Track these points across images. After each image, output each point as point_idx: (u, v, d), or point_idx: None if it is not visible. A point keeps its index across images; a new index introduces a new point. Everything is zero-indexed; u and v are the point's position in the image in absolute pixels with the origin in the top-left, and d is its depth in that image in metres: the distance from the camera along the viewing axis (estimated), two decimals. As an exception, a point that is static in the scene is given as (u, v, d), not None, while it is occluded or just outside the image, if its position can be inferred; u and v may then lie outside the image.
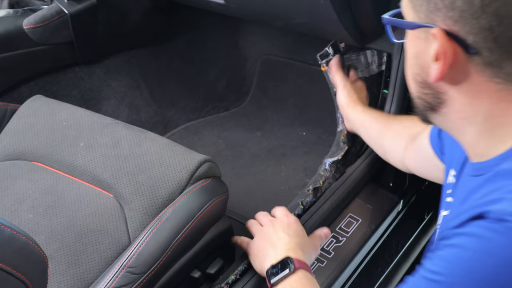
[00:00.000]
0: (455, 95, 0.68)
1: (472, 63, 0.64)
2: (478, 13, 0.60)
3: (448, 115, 0.70)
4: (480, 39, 0.62)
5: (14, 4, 1.69)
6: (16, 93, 1.59)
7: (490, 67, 0.63)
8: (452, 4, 0.62)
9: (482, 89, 0.65)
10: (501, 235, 0.56)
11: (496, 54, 0.62)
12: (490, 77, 0.64)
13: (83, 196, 1.15)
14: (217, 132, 1.87)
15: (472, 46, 0.62)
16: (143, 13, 1.84)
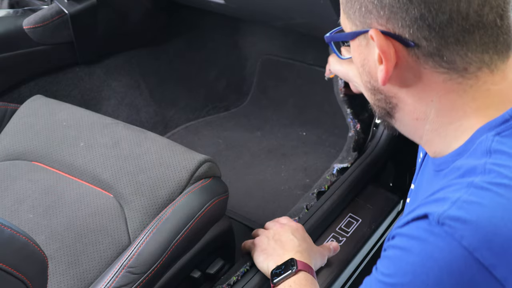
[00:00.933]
0: (405, 96, 0.68)
1: (414, 56, 0.64)
2: (406, 5, 0.61)
3: (403, 119, 0.71)
4: (414, 30, 0.62)
5: (14, 4, 1.68)
6: (16, 93, 1.59)
7: (431, 57, 0.63)
8: (381, 3, 0.63)
9: (429, 83, 0.65)
10: (441, 239, 0.56)
11: (433, 42, 0.62)
12: (434, 68, 0.64)
13: (83, 196, 1.15)
14: (217, 132, 1.87)
15: (409, 40, 0.63)
16: (143, 13, 1.85)
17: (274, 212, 1.47)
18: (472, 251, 0.55)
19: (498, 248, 0.55)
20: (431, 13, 0.61)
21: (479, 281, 0.55)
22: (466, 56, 0.63)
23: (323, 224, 1.22)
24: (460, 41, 0.62)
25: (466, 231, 0.55)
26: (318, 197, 1.27)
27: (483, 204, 0.57)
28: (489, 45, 0.63)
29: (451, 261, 0.56)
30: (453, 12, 0.61)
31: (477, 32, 0.62)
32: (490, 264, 0.55)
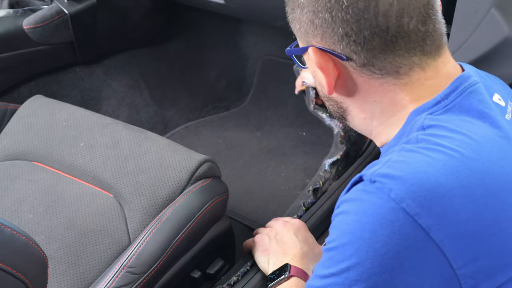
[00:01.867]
0: (351, 101, 0.76)
1: (350, 68, 0.71)
2: (332, 25, 0.69)
3: (354, 119, 0.79)
4: (344, 46, 0.69)
5: (14, 4, 1.68)
6: (16, 93, 1.59)
7: (364, 67, 0.70)
8: (313, 24, 0.71)
9: (369, 88, 0.72)
10: (373, 195, 0.62)
11: (362, 55, 0.69)
12: (369, 76, 0.71)
13: (83, 196, 1.15)
14: (217, 132, 1.87)
15: (341, 54, 0.70)
16: (143, 13, 1.85)
17: (274, 212, 1.47)
18: (399, 202, 0.60)
19: (421, 198, 0.60)
20: (353, 31, 0.68)
21: (407, 230, 0.60)
22: (395, 62, 0.69)
23: (323, 224, 1.22)
24: (385, 51, 0.68)
25: (394, 185, 0.61)
26: (314, 194, 1.27)
27: (409, 162, 0.64)
28: (416, 49, 0.69)
29: (382, 213, 0.61)
30: (373, 27, 0.67)
31: (400, 40, 0.68)
32: (415, 213, 0.60)
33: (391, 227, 0.61)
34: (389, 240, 0.61)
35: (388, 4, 0.66)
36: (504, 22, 0.96)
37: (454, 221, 0.61)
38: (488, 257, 0.62)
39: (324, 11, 0.69)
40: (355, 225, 0.63)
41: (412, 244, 0.60)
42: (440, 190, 0.61)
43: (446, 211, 0.61)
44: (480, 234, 0.62)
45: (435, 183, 0.62)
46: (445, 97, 0.70)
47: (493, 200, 0.63)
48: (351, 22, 0.67)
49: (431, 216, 0.60)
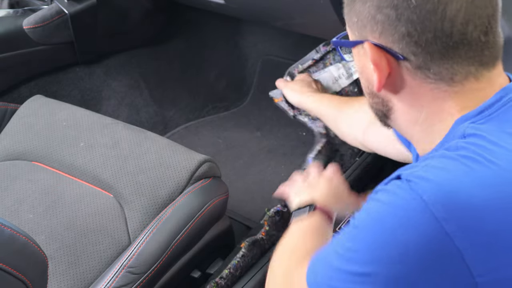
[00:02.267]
0: (398, 101, 0.75)
1: (404, 68, 0.71)
2: (395, 23, 0.68)
3: (398, 120, 0.78)
4: (403, 45, 0.69)
5: (14, 4, 1.68)
6: (16, 93, 1.59)
7: (419, 69, 0.70)
8: (374, 19, 0.70)
9: (418, 92, 0.72)
10: (406, 192, 0.64)
11: (421, 57, 0.69)
12: (422, 79, 0.70)
13: (83, 196, 1.15)
14: (217, 132, 1.87)
15: (399, 53, 0.70)
16: (143, 13, 1.84)
17: (274, 212, 1.47)
18: (428, 204, 0.61)
19: (452, 206, 0.61)
20: (417, 31, 0.67)
21: (430, 233, 0.61)
22: (452, 68, 0.69)
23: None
24: (445, 56, 0.68)
25: (427, 187, 0.63)
26: None
27: (448, 169, 0.65)
28: (474, 58, 0.69)
29: (410, 211, 0.62)
30: (438, 31, 0.66)
31: (461, 47, 0.68)
32: (442, 218, 0.61)
33: (414, 227, 0.62)
34: (410, 239, 0.62)
35: (456, 10, 0.66)
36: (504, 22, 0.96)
37: (481, 230, 0.61)
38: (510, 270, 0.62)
39: (389, 8, 0.68)
40: (380, 214, 0.65)
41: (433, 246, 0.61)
42: (472, 200, 0.62)
43: (474, 221, 0.61)
44: (506, 246, 0.62)
45: (469, 193, 0.62)
46: (489, 107, 0.70)
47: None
48: (416, 22, 0.67)
49: (458, 224, 0.61)
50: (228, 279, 1.07)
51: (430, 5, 0.66)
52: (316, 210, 1.00)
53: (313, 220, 0.98)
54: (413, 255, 0.62)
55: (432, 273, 0.62)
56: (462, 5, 0.66)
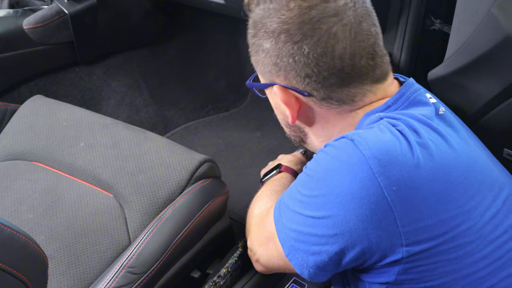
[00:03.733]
0: (311, 127, 0.87)
1: (312, 101, 0.83)
2: (295, 68, 0.79)
3: (314, 142, 0.90)
4: (305, 84, 0.80)
5: (14, 4, 1.68)
6: (16, 93, 1.59)
7: (324, 100, 0.81)
8: (277, 66, 0.81)
9: (328, 116, 0.84)
10: (349, 147, 0.74)
11: (322, 91, 0.80)
12: (328, 107, 0.82)
13: (83, 196, 1.15)
14: (217, 132, 1.87)
15: (303, 91, 0.81)
16: (143, 13, 1.85)
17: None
18: (367, 158, 0.72)
19: (385, 161, 0.72)
20: (314, 72, 0.79)
21: (367, 183, 0.72)
22: (350, 92, 0.80)
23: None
24: (342, 85, 0.80)
25: (366, 146, 0.73)
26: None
27: (380, 135, 0.75)
28: (368, 79, 0.80)
29: (352, 163, 0.73)
30: (331, 68, 0.78)
31: (354, 75, 0.79)
32: (377, 171, 0.72)
33: (355, 176, 0.72)
34: (352, 187, 0.72)
35: (343, 48, 0.77)
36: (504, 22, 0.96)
37: (407, 186, 0.72)
38: (431, 219, 0.73)
39: (287, 56, 0.79)
40: (330, 165, 0.76)
41: (368, 195, 0.72)
42: (400, 159, 0.73)
43: (402, 176, 0.72)
44: (427, 199, 0.73)
45: (399, 153, 0.73)
46: (395, 102, 0.82)
47: (441, 173, 0.75)
48: (312, 65, 0.78)
49: (390, 177, 0.72)
50: (226, 278, 1.07)
51: (320, 49, 0.77)
52: (282, 169, 1.13)
53: (280, 176, 1.12)
54: (352, 202, 0.72)
55: (366, 220, 0.72)
56: (346, 43, 0.77)
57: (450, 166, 0.76)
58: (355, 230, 0.73)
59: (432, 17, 1.25)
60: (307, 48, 0.77)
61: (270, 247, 0.87)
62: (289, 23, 0.78)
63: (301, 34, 0.77)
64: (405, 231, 0.72)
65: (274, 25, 0.79)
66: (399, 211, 0.72)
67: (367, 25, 0.80)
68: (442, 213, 0.74)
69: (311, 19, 0.77)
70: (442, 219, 0.74)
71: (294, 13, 0.78)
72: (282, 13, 0.79)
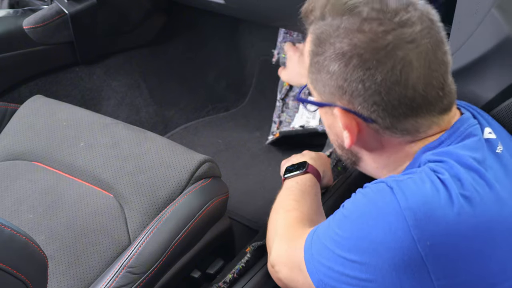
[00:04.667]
0: (367, 153, 0.84)
1: (374, 128, 0.78)
2: (363, 94, 0.75)
3: (367, 167, 0.87)
4: (371, 111, 0.76)
5: (14, 4, 1.68)
6: (16, 93, 1.59)
7: (388, 129, 0.78)
8: (342, 89, 0.76)
9: (387, 145, 0.81)
10: (386, 195, 0.73)
11: (388, 119, 0.76)
12: (390, 135, 0.79)
13: (83, 196, 1.15)
14: (216, 132, 1.87)
15: (368, 117, 0.77)
16: (143, 13, 1.85)
17: (274, 212, 1.47)
18: (403, 209, 0.70)
19: (421, 214, 0.70)
20: (383, 101, 0.74)
21: (399, 234, 0.70)
22: (417, 123, 0.77)
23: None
24: (409, 115, 0.76)
25: (403, 196, 0.71)
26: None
27: (420, 185, 0.73)
28: (435, 110, 0.77)
29: (386, 211, 0.72)
30: (402, 97, 0.74)
31: (423, 106, 0.76)
32: (411, 224, 0.70)
33: (389, 226, 0.70)
34: (385, 237, 0.70)
35: (417, 78, 0.74)
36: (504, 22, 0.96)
37: (443, 242, 0.70)
38: (469, 275, 0.70)
39: (357, 82, 0.74)
40: (366, 208, 0.74)
41: (402, 247, 0.70)
42: (438, 213, 0.70)
43: (438, 232, 0.70)
44: (465, 256, 0.70)
45: (437, 207, 0.70)
46: (448, 137, 0.78)
47: (483, 227, 0.71)
48: (383, 93, 0.74)
49: (424, 232, 0.69)
50: (231, 284, 1.07)
51: (394, 77, 0.73)
52: (309, 169, 1.07)
53: (305, 179, 1.06)
54: (385, 251, 0.70)
55: (399, 270, 0.70)
56: (421, 72, 0.74)
57: (494, 222, 0.72)
58: (388, 278, 0.71)
59: (432, 17, 1.25)
60: (380, 76, 0.73)
61: (296, 272, 0.85)
62: (363, 48, 0.73)
63: (375, 60, 0.73)
64: (440, 284, 0.70)
65: (345, 47, 0.74)
66: (433, 265, 0.69)
67: (441, 54, 0.76)
68: (482, 270, 0.71)
69: (387, 45, 0.72)
70: (481, 276, 0.71)
71: (368, 37, 0.73)
72: (355, 35, 0.74)
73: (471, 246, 0.70)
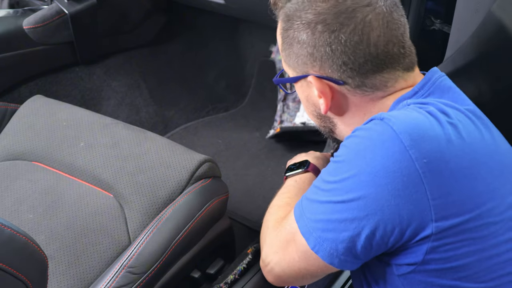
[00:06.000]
0: (342, 116, 0.89)
1: (345, 90, 0.85)
2: (332, 57, 0.82)
3: (343, 132, 0.92)
4: (341, 73, 0.83)
5: (14, 4, 1.69)
6: (16, 93, 1.59)
7: (358, 88, 0.84)
8: (313, 56, 0.84)
9: (360, 104, 0.86)
10: (379, 126, 0.77)
11: (357, 78, 0.83)
12: (361, 94, 0.85)
13: (83, 196, 1.15)
14: (216, 132, 1.87)
15: (338, 79, 0.84)
16: (143, 13, 1.85)
17: (274, 212, 1.47)
18: (398, 133, 0.75)
19: (415, 135, 0.75)
20: (350, 60, 0.82)
21: (399, 157, 0.74)
22: (384, 78, 0.84)
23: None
24: (376, 71, 0.83)
25: (396, 122, 0.76)
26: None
27: (408, 114, 0.78)
28: (399, 65, 0.84)
29: (383, 140, 0.76)
30: (366, 55, 0.81)
31: (387, 61, 0.83)
32: (408, 145, 0.74)
33: (387, 151, 0.75)
34: (384, 161, 0.74)
35: (377, 36, 0.81)
36: (504, 22, 0.97)
37: (438, 158, 0.75)
38: (459, 194, 0.75)
39: (325, 46, 0.82)
40: (361, 146, 0.77)
41: (400, 168, 0.74)
42: (430, 133, 0.76)
43: (432, 149, 0.75)
44: (456, 174, 0.75)
45: (428, 129, 0.76)
46: (421, 88, 0.84)
47: (469, 150, 0.77)
48: (349, 53, 0.81)
49: (420, 150, 0.74)
50: (232, 285, 1.07)
51: (356, 37, 0.81)
52: (310, 168, 1.09)
53: (305, 177, 1.09)
54: (385, 176, 0.74)
55: (398, 195, 0.74)
56: (380, 31, 0.81)
57: (476, 145, 0.79)
58: (387, 207, 0.74)
59: (432, 17, 1.25)
60: (344, 37, 0.81)
61: (289, 250, 0.86)
62: (326, 14, 0.81)
63: (338, 23, 0.81)
64: (435, 204, 0.74)
65: (310, 16, 0.82)
66: (430, 183, 0.74)
67: (397, 15, 0.84)
68: (470, 189, 0.76)
69: (346, 9, 0.81)
70: (469, 195, 0.76)
71: (329, 4, 0.82)
72: (317, 4, 0.82)
73: (461, 164, 0.76)
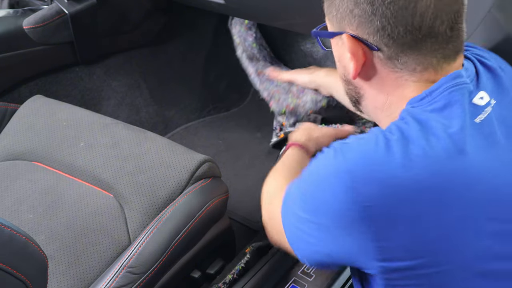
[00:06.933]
0: (368, 88, 0.84)
1: (377, 58, 0.78)
2: (371, 17, 0.75)
3: (368, 106, 0.87)
4: (378, 37, 0.76)
5: (14, 4, 1.68)
6: (16, 93, 1.59)
7: (390, 60, 0.77)
8: (352, 13, 0.77)
9: (386, 80, 0.80)
10: (329, 159, 0.76)
11: (392, 48, 0.76)
12: (391, 68, 0.78)
13: (83, 196, 1.15)
14: (217, 132, 1.87)
15: (373, 45, 0.77)
16: (143, 13, 1.84)
17: (274, 212, 1.47)
18: (342, 172, 0.73)
19: (360, 178, 0.71)
20: (390, 25, 0.74)
21: (343, 197, 0.72)
22: (417, 59, 0.76)
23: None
24: (413, 47, 0.75)
25: (344, 158, 0.74)
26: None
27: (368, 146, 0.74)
28: (438, 51, 0.76)
29: (328, 172, 0.75)
30: (408, 25, 0.74)
31: (429, 40, 0.75)
32: (351, 186, 0.71)
33: (331, 188, 0.73)
34: (329, 199, 0.73)
35: (426, 6, 0.73)
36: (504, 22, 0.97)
37: (381, 204, 0.70)
38: (403, 240, 0.71)
39: (366, 3, 0.75)
40: (313, 176, 0.79)
41: (342, 209, 0.72)
42: (378, 175, 0.71)
43: (376, 194, 0.70)
44: (401, 219, 0.70)
45: (378, 170, 0.71)
46: (429, 94, 0.77)
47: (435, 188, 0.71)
48: (390, 17, 0.74)
49: (363, 194, 0.71)
50: (231, 285, 1.07)
51: (402, 1, 0.73)
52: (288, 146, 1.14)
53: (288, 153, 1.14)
54: (331, 212, 0.73)
55: (343, 230, 0.73)
56: (431, 1, 0.73)
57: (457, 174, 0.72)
58: (336, 237, 0.75)
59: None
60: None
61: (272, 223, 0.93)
62: None
63: None
64: (378, 246, 0.72)
65: None
66: (371, 226, 0.71)
67: None
68: (418, 235, 0.71)
69: None
70: (417, 241, 0.72)
71: None
72: None
73: (412, 209, 0.70)
